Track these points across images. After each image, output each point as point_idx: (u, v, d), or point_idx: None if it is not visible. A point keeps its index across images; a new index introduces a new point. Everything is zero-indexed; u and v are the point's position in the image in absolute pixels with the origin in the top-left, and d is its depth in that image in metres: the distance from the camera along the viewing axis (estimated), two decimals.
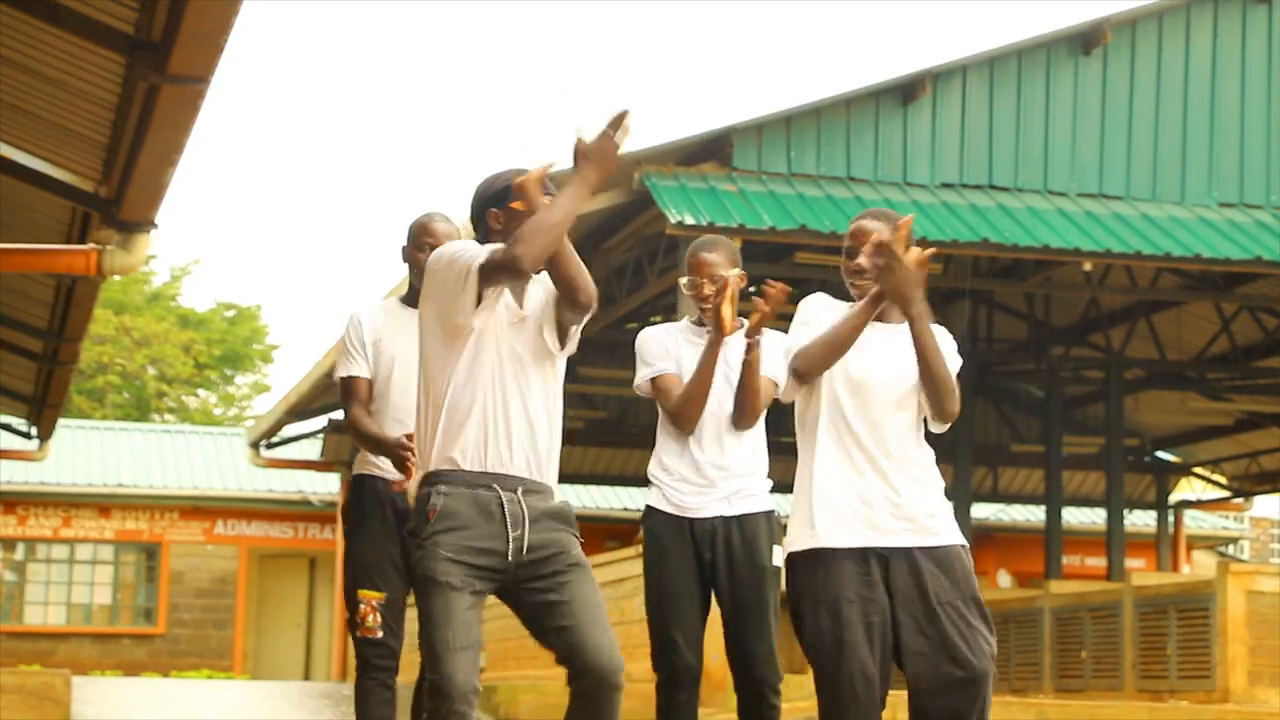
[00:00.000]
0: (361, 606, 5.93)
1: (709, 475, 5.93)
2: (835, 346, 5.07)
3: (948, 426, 5.17)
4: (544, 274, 4.78)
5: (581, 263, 4.75)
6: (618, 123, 4.61)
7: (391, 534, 5.98)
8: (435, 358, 4.77)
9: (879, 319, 5.16)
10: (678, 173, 15.28)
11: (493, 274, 4.66)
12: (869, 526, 5.03)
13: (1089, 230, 15.77)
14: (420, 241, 6.15)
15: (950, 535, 5.10)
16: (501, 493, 4.67)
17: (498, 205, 4.85)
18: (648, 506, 6.04)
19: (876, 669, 4.97)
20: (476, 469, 4.69)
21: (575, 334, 4.85)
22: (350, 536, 6.07)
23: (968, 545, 5.18)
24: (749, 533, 5.92)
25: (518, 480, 4.71)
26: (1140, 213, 16.31)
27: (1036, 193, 16.39)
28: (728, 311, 5.77)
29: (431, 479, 4.72)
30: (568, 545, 4.73)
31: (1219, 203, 16.71)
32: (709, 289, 5.94)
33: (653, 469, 6.06)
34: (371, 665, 5.98)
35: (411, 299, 6.14)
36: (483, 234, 4.90)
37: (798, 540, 5.09)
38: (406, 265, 6.24)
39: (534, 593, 4.67)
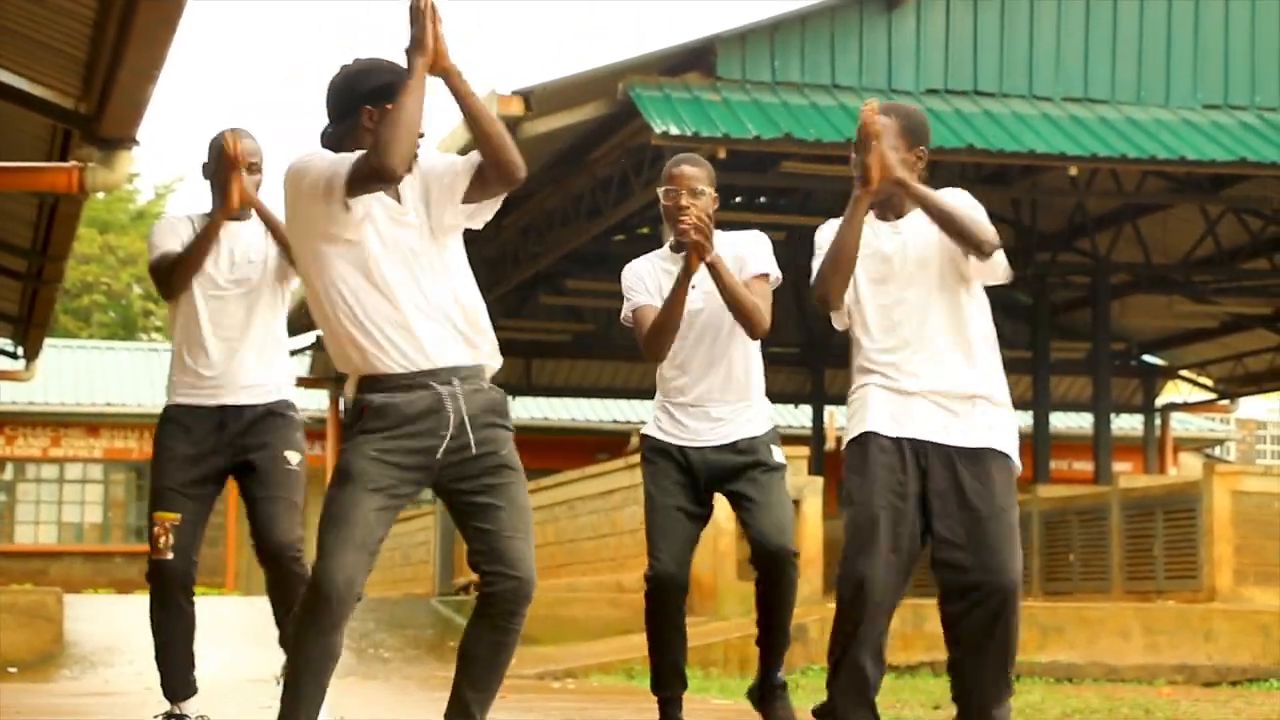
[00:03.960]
0: (155, 528, 6.05)
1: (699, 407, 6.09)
2: (837, 259, 5.06)
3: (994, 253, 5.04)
4: (427, 153, 4.62)
5: (506, 135, 4.56)
6: (421, 13, 4.49)
7: (194, 456, 6.11)
8: (325, 274, 4.56)
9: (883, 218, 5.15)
10: (662, 83, 15.21)
11: (362, 185, 4.46)
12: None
13: (1074, 135, 15.72)
14: (223, 159, 6.20)
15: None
16: (439, 388, 4.55)
17: (373, 102, 4.56)
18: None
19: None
20: (408, 370, 4.55)
21: (493, 205, 4.66)
22: (152, 463, 6.21)
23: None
24: (758, 445, 6.07)
25: (451, 371, 4.58)
26: (1125, 116, 16.27)
27: (1021, 98, 16.34)
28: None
29: (366, 384, 4.58)
30: (500, 444, 4.63)
31: (1203, 104, 16.67)
32: (686, 200, 6.07)
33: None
34: (167, 584, 6.03)
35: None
36: (345, 128, 4.60)
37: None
38: (208, 183, 6.25)
39: (463, 493, 4.61)
